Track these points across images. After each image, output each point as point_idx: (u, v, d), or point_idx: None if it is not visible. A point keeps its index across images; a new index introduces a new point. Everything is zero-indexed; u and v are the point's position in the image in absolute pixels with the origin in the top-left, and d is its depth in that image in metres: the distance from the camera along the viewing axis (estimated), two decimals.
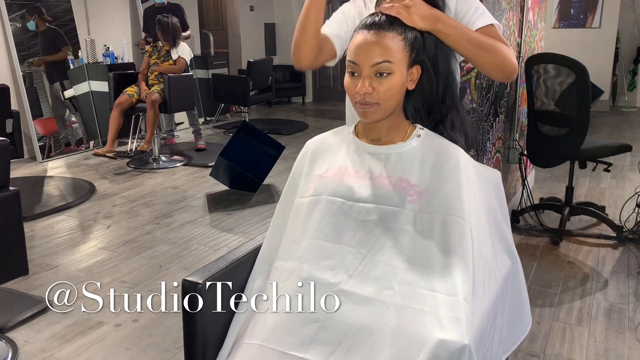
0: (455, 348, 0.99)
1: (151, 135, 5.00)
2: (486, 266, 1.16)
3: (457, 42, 1.26)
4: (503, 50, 1.30)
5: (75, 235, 3.46)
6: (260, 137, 4.30)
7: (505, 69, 1.30)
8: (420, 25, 1.19)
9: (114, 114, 5.03)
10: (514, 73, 1.31)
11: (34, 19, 5.35)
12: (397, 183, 1.20)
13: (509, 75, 1.32)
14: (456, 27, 1.25)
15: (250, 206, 3.97)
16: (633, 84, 7.70)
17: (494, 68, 1.30)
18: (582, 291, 2.70)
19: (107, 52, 5.79)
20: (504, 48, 1.31)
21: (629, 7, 7.38)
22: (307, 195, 1.27)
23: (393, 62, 1.15)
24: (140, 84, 5.06)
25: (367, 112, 1.19)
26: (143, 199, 4.14)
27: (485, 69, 1.32)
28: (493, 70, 1.31)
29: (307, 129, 6.67)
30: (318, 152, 1.32)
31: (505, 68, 1.30)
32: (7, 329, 2.38)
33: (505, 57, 1.29)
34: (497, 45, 1.30)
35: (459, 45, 1.27)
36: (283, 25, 8.83)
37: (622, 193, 4.08)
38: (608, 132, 6.15)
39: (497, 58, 1.29)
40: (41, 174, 4.89)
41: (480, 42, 1.28)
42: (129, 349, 2.26)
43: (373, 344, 1.07)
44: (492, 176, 1.32)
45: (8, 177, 2.11)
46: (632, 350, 2.22)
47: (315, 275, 1.17)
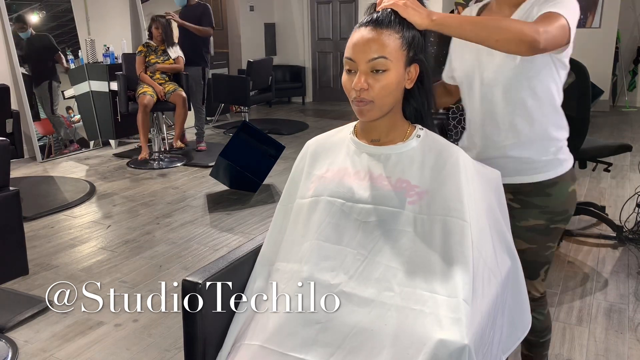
0: (455, 348, 0.99)
1: (180, 131, 5.29)
2: (486, 267, 1.16)
3: (461, 28, 1.23)
4: (513, 24, 1.25)
5: (75, 235, 3.46)
6: (260, 137, 4.30)
7: (523, 39, 1.23)
8: (416, 19, 1.18)
9: (142, 117, 4.97)
10: (535, 42, 1.24)
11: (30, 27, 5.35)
12: (397, 184, 1.20)
13: (531, 46, 1.24)
14: (453, 16, 1.24)
15: (250, 206, 3.97)
16: (633, 84, 7.70)
17: (511, 43, 1.24)
18: (582, 291, 2.70)
19: (107, 52, 5.79)
20: (515, 22, 1.26)
21: (629, 7, 7.38)
22: (307, 196, 1.27)
23: (389, 58, 1.14)
24: (153, 84, 5.05)
25: (363, 109, 1.19)
26: (143, 199, 4.14)
27: (503, 46, 1.26)
28: (511, 45, 1.25)
29: (307, 129, 6.67)
30: (318, 152, 1.32)
31: (523, 38, 1.23)
32: (7, 329, 2.38)
33: (518, 29, 1.24)
34: (505, 22, 1.27)
35: (465, 30, 1.24)
36: (283, 25, 8.83)
37: (622, 193, 4.08)
38: (608, 132, 6.16)
39: (509, 32, 1.23)
40: (41, 174, 4.89)
41: (485, 23, 1.26)
42: (129, 349, 2.26)
43: (373, 346, 1.07)
44: (492, 176, 1.31)
45: (8, 177, 2.11)
46: (632, 350, 2.22)
47: (316, 276, 1.17)
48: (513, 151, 1.53)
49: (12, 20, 5.23)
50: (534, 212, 1.57)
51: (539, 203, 1.56)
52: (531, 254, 1.61)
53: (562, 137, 1.56)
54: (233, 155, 4.04)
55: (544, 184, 1.55)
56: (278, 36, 8.88)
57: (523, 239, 1.59)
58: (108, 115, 5.71)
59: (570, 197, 1.59)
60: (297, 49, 8.84)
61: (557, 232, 1.62)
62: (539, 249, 1.61)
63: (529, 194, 1.56)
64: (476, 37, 1.26)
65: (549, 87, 1.48)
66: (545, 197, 1.56)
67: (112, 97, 5.55)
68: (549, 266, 1.67)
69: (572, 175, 1.59)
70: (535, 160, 1.53)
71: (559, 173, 1.55)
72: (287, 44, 8.88)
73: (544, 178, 1.54)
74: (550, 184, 1.55)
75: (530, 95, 1.48)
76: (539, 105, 1.49)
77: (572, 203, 1.61)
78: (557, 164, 1.55)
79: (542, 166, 1.54)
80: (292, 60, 8.86)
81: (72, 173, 4.90)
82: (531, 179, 1.54)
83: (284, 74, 8.64)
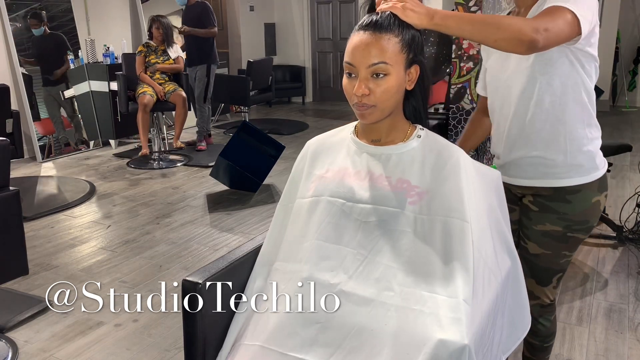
0: (455, 348, 0.99)
1: (180, 131, 5.30)
2: (486, 267, 1.16)
3: (460, 28, 1.22)
4: (513, 22, 1.23)
5: (75, 235, 3.46)
6: (260, 137, 4.30)
7: (522, 39, 1.22)
8: (415, 22, 1.17)
9: (143, 116, 4.99)
10: (534, 42, 1.22)
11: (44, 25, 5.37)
12: (398, 184, 1.20)
13: (530, 45, 1.23)
14: (453, 16, 1.22)
15: (250, 206, 3.97)
16: (633, 84, 7.70)
17: (509, 42, 1.23)
18: (582, 291, 2.70)
19: (107, 52, 5.79)
20: (514, 20, 1.24)
21: (629, 7, 7.38)
22: (307, 196, 1.27)
23: (389, 63, 1.14)
24: (153, 84, 5.06)
25: (364, 113, 1.19)
26: (143, 199, 4.14)
27: (501, 45, 1.25)
28: (510, 44, 1.24)
29: (307, 129, 6.67)
30: (318, 152, 1.32)
31: (522, 38, 1.22)
32: (7, 329, 2.38)
33: (517, 28, 1.22)
34: (505, 20, 1.24)
35: (464, 31, 1.23)
36: (283, 25, 8.83)
37: (622, 193, 4.08)
38: (608, 132, 6.15)
39: (507, 32, 1.22)
40: (41, 174, 4.89)
41: (484, 21, 1.24)
42: (129, 349, 2.26)
43: (373, 345, 1.07)
44: (492, 176, 1.31)
45: (8, 177, 2.11)
46: (632, 350, 2.22)
47: (316, 276, 1.17)
48: (535, 152, 1.48)
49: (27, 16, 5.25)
50: (552, 217, 1.51)
51: (558, 209, 1.51)
52: (545, 260, 1.57)
53: (591, 136, 1.48)
54: (233, 155, 4.04)
55: (565, 190, 1.49)
56: (278, 36, 8.88)
57: (538, 243, 1.56)
58: (108, 115, 5.71)
59: (593, 208, 1.51)
60: (297, 49, 8.84)
61: (575, 241, 1.55)
62: (553, 256, 1.56)
63: (548, 198, 1.52)
64: (476, 37, 1.25)
65: (568, 81, 1.43)
66: (565, 204, 1.50)
67: (112, 97, 5.55)
68: (562, 274, 1.61)
69: (600, 185, 1.51)
70: (559, 163, 1.47)
71: (583, 181, 1.48)
72: (287, 44, 8.88)
73: (565, 184, 1.49)
74: (572, 191, 1.49)
75: (548, 92, 1.43)
76: (559, 102, 1.44)
77: (595, 214, 1.53)
78: (583, 171, 1.48)
79: (565, 171, 1.48)
80: (292, 60, 8.86)
81: (72, 173, 4.90)
82: (551, 184, 1.49)
83: (284, 74, 8.64)
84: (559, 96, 1.44)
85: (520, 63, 1.45)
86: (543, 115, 1.46)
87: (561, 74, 1.42)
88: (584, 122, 1.47)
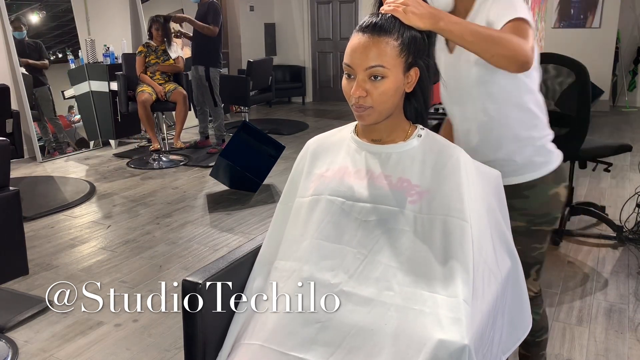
0: (455, 348, 0.99)
1: (181, 129, 5.31)
2: (486, 267, 1.16)
3: (462, 37, 1.22)
4: (513, 40, 1.25)
5: (75, 235, 3.46)
6: (260, 137, 4.30)
7: (518, 59, 1.25)
8: (418, 24, 1.16)
9: (144, 113, 5.00)
10: (527, 63, 1.26)
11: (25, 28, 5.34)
12: (398, 183, 1.20)
13: (523, 66, 1.27)
14: (458, 23, 1.22)
15: (250, 206, 3.97)
16: (633, 84, 7.70)
17: (505, 59, 1.25)
18: (582, 291, 2.70)
19: (107, 52, 5.79)
20: (514, 39, 1.26)
21: (629, 7, 7.38)
22: (307, 195, 1.27)
23: (386, 67, 1.14)
24: (153, 84, 5.06)
25: (362, 115, 1.19)
26: (143, 199, 4.14)
27: (497, 61, 1.27)
28: (505, 61, 1.26)
29: (307, 129, 6.67)
30: (318, 152, 1.32)
31: (518, 58, 1.25)
32: (7, 329, 2.38)
33: (516, 47, 1.25)
34: (506, 37, 1.26)
35: (464, 41, 1.23)
36: (283, 25, 8.83)
37: (622, 193, 4.07)
38: (608, 132, 6.15)
39: (506, 49, 1.24)
40: (41, 174, 4.89)
41: (486, 35, 1.24)
42: (129, 349, 2.26)
43: (373, 345, 1.07)
44: (492, 176, 1.31)
45: (8, 177, 2.11)
46: (632, 350, 2.22)
47: (316, 275, 1.17)
48: (485, 154, 1.51)
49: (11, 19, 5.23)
50: (514, 214, 1.52)
51: (518, 205, 1.54)
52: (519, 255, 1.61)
53: (538, 135, 1.53)
54: (233, 155, 4.04)
55: (521, 187, 1.54)
56: (278, 36, 8.88)
57: None
58: (108, 115, 5.71)
59: (552, 200, 1.56)
60: (297, 49, 8.84)
61: (541, 234, 1.60)
62: (524, 250, 1.57)
63: (508, 196, 1.51)
64: (473, 48, 1.26)
65: (508, 86, 1.47)
66: (524, 200, 1.55)
67: (112, 97, 5.55)
68: (540, 266, 1.65)
69: (556, 177, 1.56)
70: (509, 162, 1.52)
71: (536, 176, 1.53)
72: (287, 44, 8.88)
73: (519, 181, 1.53)
74: (527, 187, 1.54)
75: (489, 99, 1.48)
76: (498, 107, 1.49)
77: (556, 205, 1.58)
78: (534, 166, 1.53)
79: (517, 168, 1.53)
80: (292, 60, 8.86)
81: (72, 173, 4.90)
82: (508, 182, 1.51)
83: (284, 74, 8.64)
84: (499, 101, 1.48)
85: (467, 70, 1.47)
86: (488, 119, 1.51)
87: (499, 80, 1.46)
88: (529, 124, 1.52)
